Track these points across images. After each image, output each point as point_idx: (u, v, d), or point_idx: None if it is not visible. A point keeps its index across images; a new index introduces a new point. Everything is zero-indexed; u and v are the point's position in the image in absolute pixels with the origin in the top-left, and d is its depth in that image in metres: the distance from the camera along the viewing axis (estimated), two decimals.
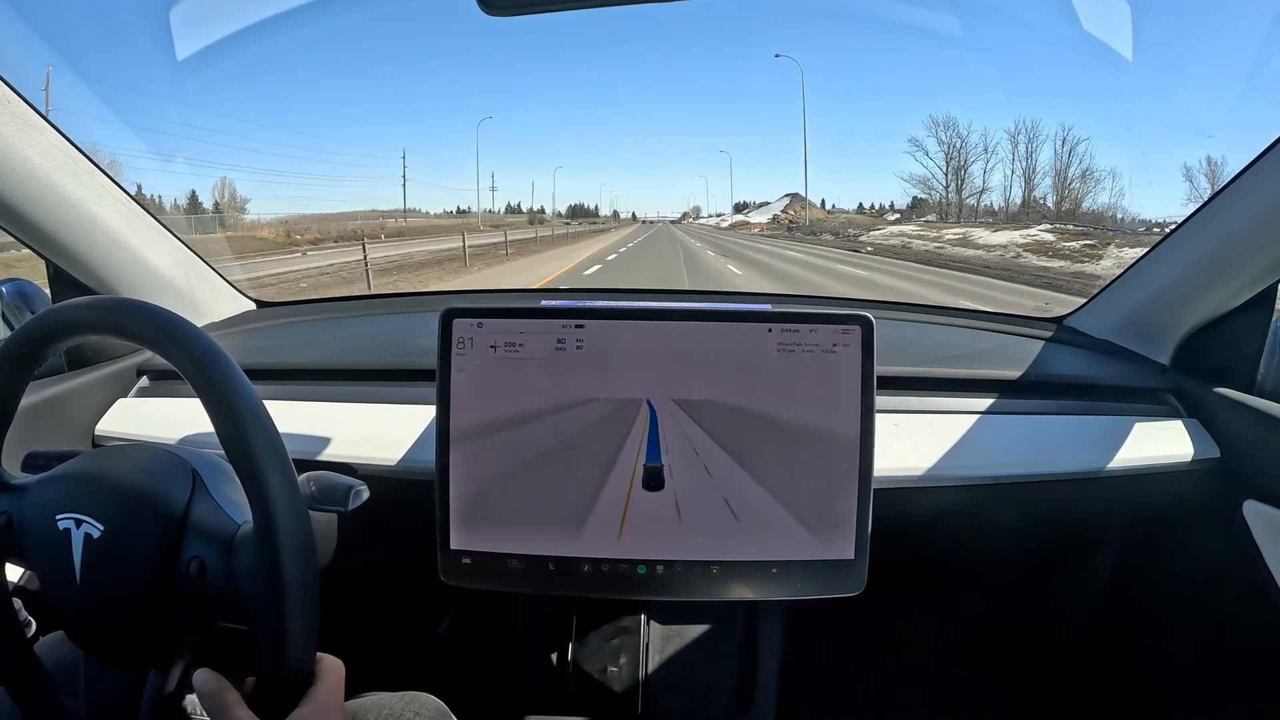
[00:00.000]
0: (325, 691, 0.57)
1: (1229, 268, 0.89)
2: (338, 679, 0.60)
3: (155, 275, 1.11)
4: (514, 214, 59.18)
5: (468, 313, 0.76)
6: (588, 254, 18.53)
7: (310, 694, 0.57)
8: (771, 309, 0.75)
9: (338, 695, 0.59)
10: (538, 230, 30.55)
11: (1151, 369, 1.03)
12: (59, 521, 0.57)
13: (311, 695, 0.57)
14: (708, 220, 70.60)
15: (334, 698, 0.58)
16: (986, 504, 0.92)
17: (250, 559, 0.55)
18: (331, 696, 0.58)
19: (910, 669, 1.28)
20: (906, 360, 1.00)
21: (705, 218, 72.99)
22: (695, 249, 21.46)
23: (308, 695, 0.57)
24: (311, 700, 0.56)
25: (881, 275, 13.07)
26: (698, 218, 74.02)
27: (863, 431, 0.74)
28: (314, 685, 0.57)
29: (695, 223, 69.43)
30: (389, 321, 1.38)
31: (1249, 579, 0.88)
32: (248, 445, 0.53)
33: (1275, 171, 0.79)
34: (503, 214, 57.65)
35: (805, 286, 11.37)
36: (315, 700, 0.56)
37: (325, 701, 0.57)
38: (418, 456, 0.90)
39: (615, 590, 0.76)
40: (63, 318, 0.59)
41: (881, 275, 13.07)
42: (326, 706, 0.57)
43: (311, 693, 0.57)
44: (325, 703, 0.57)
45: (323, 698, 0.57)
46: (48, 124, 0.90)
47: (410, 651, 1.28)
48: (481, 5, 0.69)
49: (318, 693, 0.57)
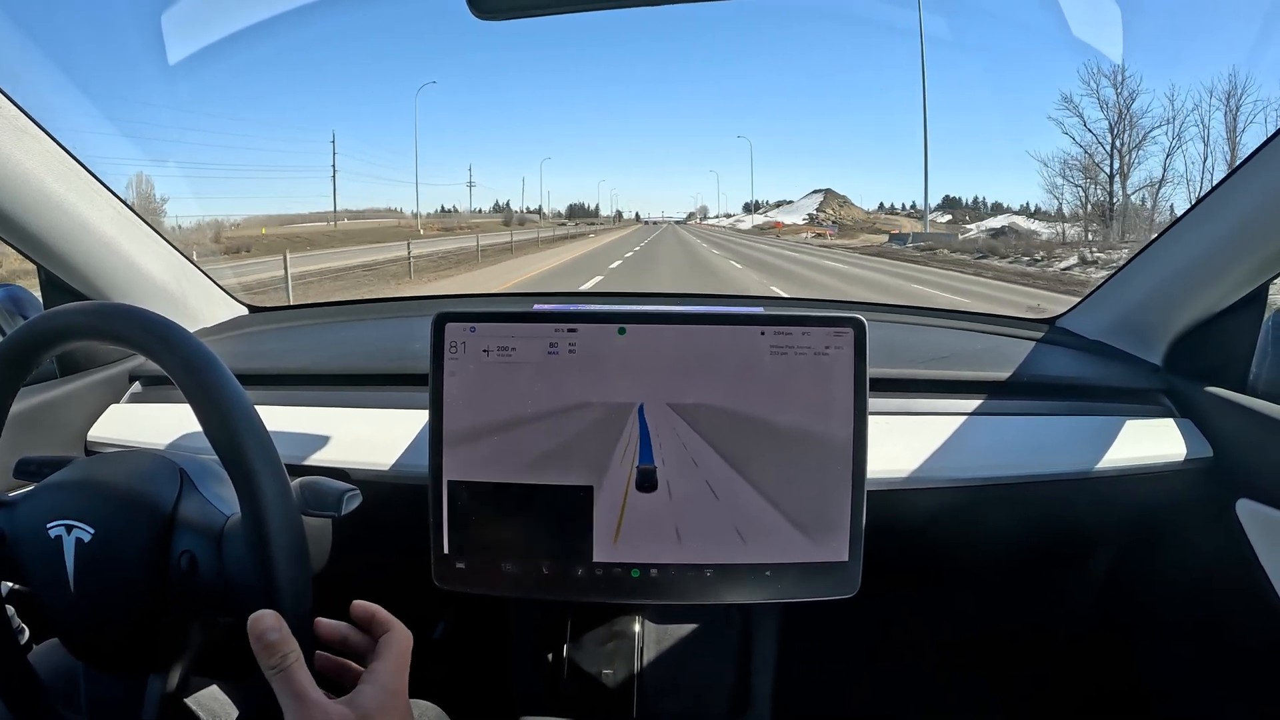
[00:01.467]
0: (388, 672, 0.52)
1: (1220, 268, 0.89)
2: (404, 658, 0.55)
3: (147, 280, 1.10)
4: (499, 212, 57.95)
5: (460, 317, 0.75)
6: (533, 273, 14.78)
7: (372, 671, 0.52)
8: (764, 311, 0.75)
9: (401, 678, 0.53)
10: (513, 234, 25.81)
11: (1144, 369, 1.04)
12: (50, 529, 0.57)
13: (374, 674, 0.52)
14: (717, 220, 68.03)
15: (398, 681, 0.52)
16: (980, 505, 0.92)
17: (240, 549, 0.56)
18: (395, 680, 0.52)
19: (905, 670, 1.29)
20: (900, 362, 1.01)
21: (714, 218, 70.72)
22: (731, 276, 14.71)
23: (370, 672, 0.52)
24: (374, 681, 0.51)
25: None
26: (705, 218, 71.98)
27: (856, 433, 0.74)
28: (376, 660, 0.53)
29: (704, 223, 67.14)
30: (381, 326, 1.37)
31: (1243, 578, 0.88)
32: (239, 450, 0.53)
33: (1266, 172, 0.80)
34: (488, 213, 56.10)
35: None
36: (378, 682, 0.51)
37: (391, 685, 0.51)
38: (411, 461, 0.90)
39: (609, 594, 0.76)
40: (55, 323, 0.59)
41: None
42: (393, 691, 0.51)
43: (374, 670, 0.52)
44: (391, 686, 0.51)
45: (386, 679, 0.51)
46: (40, 129, 0.90)
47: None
48: (472, 9, 0.69)
49: (381, 673, 0.52)
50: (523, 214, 56.47)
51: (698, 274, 15.15)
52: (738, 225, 54.94)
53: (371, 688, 0.51)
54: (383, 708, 0.50)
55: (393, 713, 0.50)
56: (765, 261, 18.90)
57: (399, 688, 0.52)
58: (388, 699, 0.51)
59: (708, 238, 34.78)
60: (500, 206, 63.74)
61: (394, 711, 0.50)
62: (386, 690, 0.51)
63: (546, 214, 63.54)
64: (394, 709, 0.51)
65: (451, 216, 47.71)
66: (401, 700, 0.52)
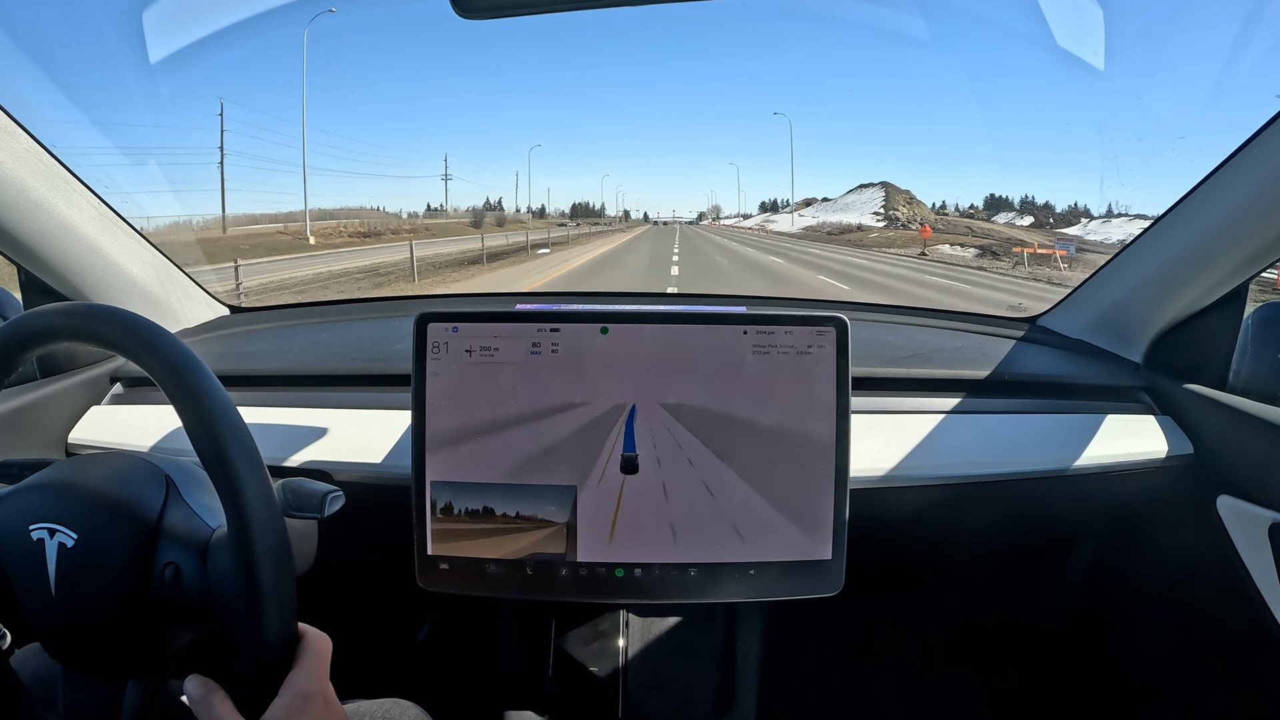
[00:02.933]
0: (303, 678, 0.53)
1: (1201, 266, 0.90)
2: (319, 661, 0.56)
3: (128, 281, 1.10)
4: (491, 210, 55.65)
5: (442, 317, 0.75)
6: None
7: (287, 681, 0.53)
8: (746, 311, 0.75)
9: (316, 680, 0.54)
10: (484, 239, 21.01)
11: (1125, 367, 1.04)
12: (32, 532, 0.57)
13: (288, 683, 0.53)
14: (731, 220, 64.70)
15: (313, 685, 0.54)
16: (962, 502, 0.93)
17: (225, 564, 0.55)
18: (310, 684, 0.53)
19: (889, 667, 1.29)
20: (882, 361, 1.01)
21: (728, 217, 68.04)
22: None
23: (285, 682, 0.53)
24: (287, 689, 0.53)
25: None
26: (719, 217, 69.72)
27: (838, 432, 0.74)
28: (292, 670, 0.54)
29: (719, 223, 64.60)
30: (364, 326, 1.37)
31: (1224, 573, 0.89)
32: (222, 452, 0.53)
33: (1247, 170, 0.81)
34: (477, 210, 53.77)
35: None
36: (291, 689, 0.53)
37: (303, 689, 0.53)
38: (394, 462, 0.90)
39: (594, 594, 0.76)
40: (35, 324, 0.59)
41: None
42: (305, 694, 0.53)
43: (289, 680, 0.53)
44: (303, 690, 0.53)
45: (300, 685, 0.53)
46: (19, 127, 0.89)
47: (389, 658, 1.27)
48: (456, 8, 0.69)
49: (295, 680, 0.53)
50: (513, 214, 51.69)
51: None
52: (772, 227, 47.23)
53: (283, 696, 0.52)
54: (295, 712, 0.52)
55: (306, 714, 0.52)
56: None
57: (314, 690, 0.53)
58: (299, 703, 0.52)
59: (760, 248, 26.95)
60: (492, 205, 61.23)
61: (308, 713, 0.52)
62: (299, 695, 0.52)
63: (548, 213, 60.47)
64: (306, 711, 0.52)
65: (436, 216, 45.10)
66: (316, 702, 0.53)
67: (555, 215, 61.06)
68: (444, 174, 57.49)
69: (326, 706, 0.53)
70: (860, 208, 46.15)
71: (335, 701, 0.55)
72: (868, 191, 47.15)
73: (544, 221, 54.12)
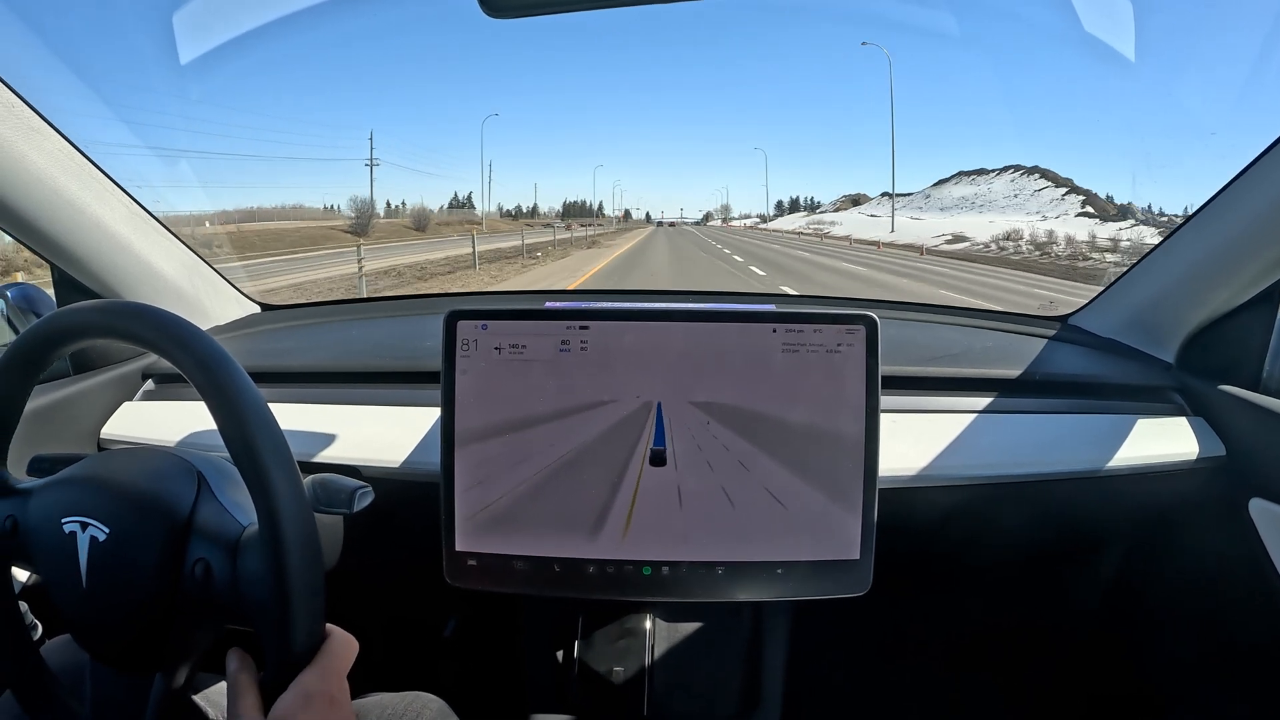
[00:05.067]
0: (312, 678, 0.53)
1: (1233, 265, 0.89)
2: (334, 662, 0.55)
3: (160, 279, 1.11)
4: (460, 207, 51.02)
5: (472, 314, 0.76)
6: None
7: (297, 679, 0.53)
8: (775, 309, 0.75)
9: (326, 681, 0.54)
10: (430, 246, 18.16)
11: (1156, 367, 1.03)
12: (64, 525, 0.58)
13: (297, 680, 0.53)
14: (742, 221, 62.47)
15: (320, 685, 0.53)
16: (992, 503, 0.92)
17: (255, 562, 0.55)
18: (317, 684, 0.53)
19: (916, 669, 1.28)
20: (911, 360, 1.00)
21: (739, 218, 66.01)
22: None
23: (296, 679, 0.53)
24: (294, 686, 0.53)
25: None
26: (728, 218, 67.86)
27: (868, 431, 0.73)
28: (306, 669, 0.54)
29: (729, 224, 62.76)
30: (393, 324, 1.38)
31: (1254, 577, 0.88)
32: (252, 448, 0.53)
33: (1278, 169, 0.79)
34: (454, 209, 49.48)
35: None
36: (297, 686, 0.53)
37: (308, 688, 0.53)
38: (422, 459, 0.90)
39: (621, 592, 0.76)
40: (68, 322, 0.60)
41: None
42: (309, 694, 0.52)
43: (299, 677, 0.53)
44: (308, 689, 0.52)
45: (306, 683, 0.53)
46: (51, 128, 0.90)
47: (415, 653, 1.28)
48: (484, 8, 0.69)
49: (304, 678, 0.53)
50: (417, 213, 41.20)
51: None
52: (808, 231, 40.51)
53: (290, 693, 0.52)
54: (296, 709, 0.51)
55: (307, 712, 0.51)
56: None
57: (319, 690, 0.53)
58: (301, 701, 0.52)
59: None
60: (459, 202, 55.90)
61: (309, 711, 0.52)
62: (303, 693, 0.52)
63: (540, 212, 57.39)
64: (307, 710, 0.52)
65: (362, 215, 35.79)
66: (319, 702, 0.52)
67: (546, 215, 58.34)
68: (369, 160, 44.94)
69: (330, 707, 0.53)
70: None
71: (343, 703, 0.54)
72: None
73: (515, 223, 47.48)
